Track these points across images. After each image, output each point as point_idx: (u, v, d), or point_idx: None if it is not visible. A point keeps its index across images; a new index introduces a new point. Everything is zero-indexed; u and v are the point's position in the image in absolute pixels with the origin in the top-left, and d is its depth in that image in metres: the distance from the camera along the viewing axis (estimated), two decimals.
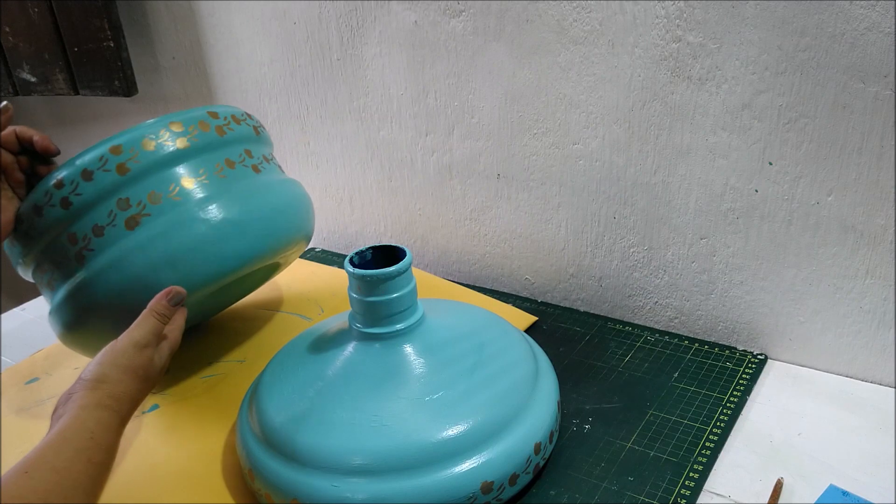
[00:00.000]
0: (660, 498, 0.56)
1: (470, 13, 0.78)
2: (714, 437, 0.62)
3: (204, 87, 1.07)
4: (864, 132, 0.61)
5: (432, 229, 0.94)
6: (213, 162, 0.67)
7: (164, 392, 0.73)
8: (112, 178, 0.62)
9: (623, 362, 0.74)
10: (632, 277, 0.80)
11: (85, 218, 0.62)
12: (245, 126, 0.71)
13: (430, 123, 0.87)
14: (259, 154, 0.72)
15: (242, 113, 0.73)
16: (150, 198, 0.63)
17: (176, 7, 1.03)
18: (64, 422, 0.50)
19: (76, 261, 0.63)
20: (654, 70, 0.69)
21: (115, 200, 0.62)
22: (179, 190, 0.64)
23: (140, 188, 0.63)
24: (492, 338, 0.63)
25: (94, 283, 0.63)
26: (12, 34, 1.10)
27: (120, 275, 0.62)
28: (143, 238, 0.62)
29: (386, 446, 0.52)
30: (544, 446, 0.57)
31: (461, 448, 0.52)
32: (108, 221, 0.62)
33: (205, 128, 0.67)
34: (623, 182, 0.76)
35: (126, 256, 0.62)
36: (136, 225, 0.62)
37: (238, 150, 0.70)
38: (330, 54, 0.91)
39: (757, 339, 0.74)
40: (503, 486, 0.53)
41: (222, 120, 0.69)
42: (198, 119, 0.67)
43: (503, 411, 0.55)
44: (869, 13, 0.57)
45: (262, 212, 0.67)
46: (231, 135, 0.69)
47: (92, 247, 0.63)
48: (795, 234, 0.68)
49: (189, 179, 0.64)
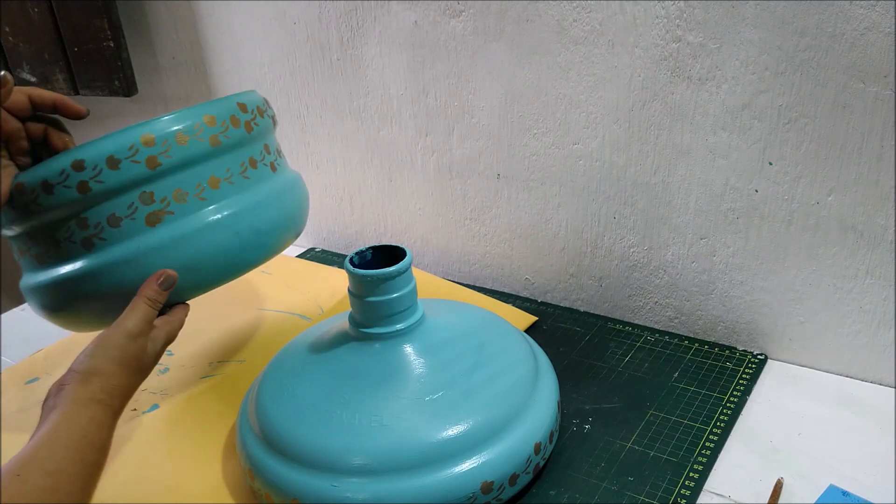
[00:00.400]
0: (660, 498, 0.56)
1: (470, 13, 0.78)
2: (714, 437, 0.62)
3: (204, 87, 1.07)
4: (864, 132, 0.61)
5: (432, 229, 0.94)
6: (239, 161, 0.65)
7: (164, 392, 0.73)
8: (140, 171, 0.59)
9: (623, 362, 0.74)
10: (632, 277, 0.80)
11: (103, 206, 0.59)
12: (266, 118, 0.69)
13: (430, 123, 0.87)
14: (273, 148, 0.71)
15: (264, 102, 0.70)
16: (176, 196, 0.60)
17: (176, 7, 1.03)
18: (56, 418, 0.49)
19: (83, 246, 0.60)
20: (654, 70, 0.69)
21: (138, 193, 0.59)
22: (206, 191, 0.62)
23: (167, 184, 0.60)
24: (492, 338, 0.63)
25: (101, 274, 0.60)
26: (12, 34, 1.10)
27: (133, 271, 0.59)
28: (164, 238, 0.59)
29: (386, 446, 0.52)
30: (544, 446, 0.57)
31: (461, 448, 0.52)
32: (127, 213, 0.59)
33: (235, 124, 0.64)
34: (623, 182, 0.76)
35: (144, 254, 0.59)
36: (157, 222, 0.60)
37: (260, 146, 0.68)
38: (330, 54, 0.91)
39: (757, 339, 0.74)
40: (503, 487, 0.53)
41: (250, 114, 0.66)
42: (230, 113, 0.64)
43: (503, 411, 0.55)
44: (869, 13, 0.57)
45: (281, 220, 0.66)
46: (256, 130, 0.67)
47: (104, 236, 0.60)
48: (795, 234, 0.68)
49: (216, 179, 0.62)
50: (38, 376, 0.78)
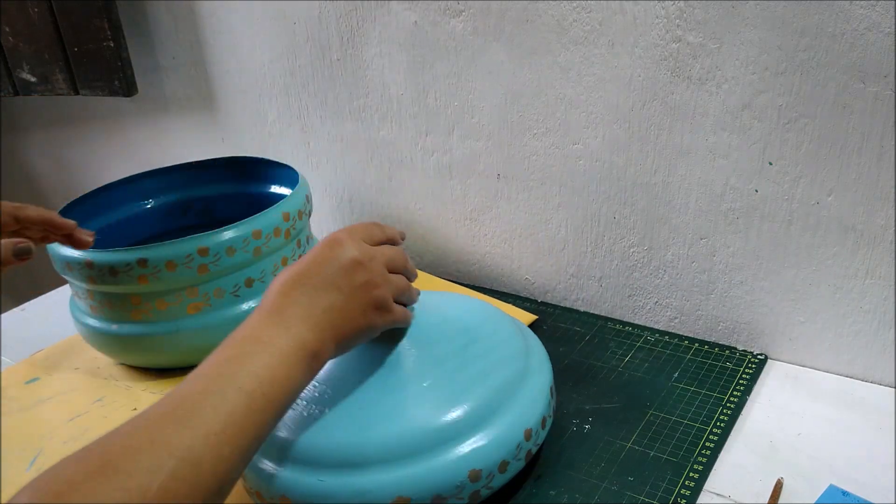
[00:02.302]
0: (660, 498, 0.56)
1: (470, 13, 0.78)
2: (714, 437, 0.62)
3: (204, 87, 1.07)
4: (864, 132, 0.61)
5: (432, 229, 0.94)
6: (273, 262, 0.76)
7: (163, 392, 0.73)
8: (191, 274, 0.70)
9: (623, 362, 0.74)
10: (632, 277, 0.80)
11: (153, 294, 0.70)
12: (304, 218, 0.80)
13: (430, 123, 0.87)
14: (304, 238, 0.82)
15: (304, 203, 0.80)
16: (216, 293, 0.72)
17: (176, 7, 1.03)
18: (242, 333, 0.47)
19: (132, 317, 0.72)
20: (654, 70, 0.69)
21: (185, 288, 0.71)
22: (241, 289, 0.74)
23: (210, 285, 0.72)
24: (479, 323, 0.62)
25: (140, 339, 0.72)
26: (12, 34, 1.10)
27: (167, 343, 0.72)
28: (198, 324, 0.72)
29: (370, 438, 0.52)
30: (535, 432, 0.56)
31: (447, 437, 0.52)
32: (173, 301, 0.71)
33: (277, 234, 0.75)
34: (623, 182, 0.76)
35: (179, 332, 0.72)
36: (196, 312, 0.72)
37: (293, 245, 0.78)
38: (330, 54, 0.91)
39: (757, 339, 0.74)
40: (492, 475, 0.53)
41: (290, 221, 0.76)
42: (274, 226, 0.74)
43: (491, 398, 0.54)
44: (869, 13, 0.57)
45: None
46: (293, 234, 0.77)
47: (152, 315, 0.71)
48: (795, 234, 0.68)
49: (251, 280, 0.74)
50: (38, 376, 0.78)
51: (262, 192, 0.91)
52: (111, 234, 0.85)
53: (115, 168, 1.26)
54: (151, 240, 0.84)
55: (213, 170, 0.91)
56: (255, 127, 1.05)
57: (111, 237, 0.84)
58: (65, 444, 0.66)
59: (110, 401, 0.73)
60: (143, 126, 1.18)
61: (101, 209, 0.85)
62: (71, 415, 0.71)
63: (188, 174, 0.91)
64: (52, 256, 0.73)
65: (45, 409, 0.72)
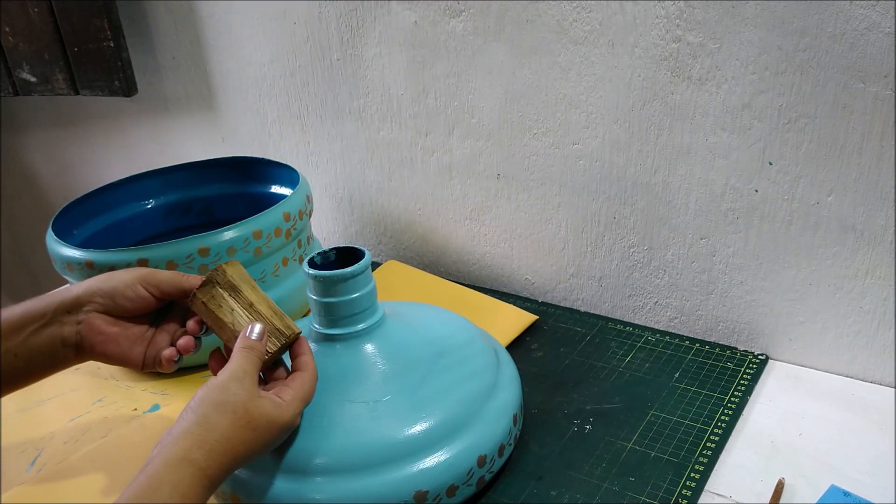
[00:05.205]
0: (661, 498, 0.56)
1: (470, 13, 0.78)
2: (715, 437, 0.62)
3: (204, 87, 1.07)
4: (864, 132, 0.61)
5: (432, 229, 0.94)
6: (273, 262, 0.76)
7: (163, 392, 0.73)
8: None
9: (624, 362, 0.74)
10: (632, 277, 0.80)
11: None
12: (305, 217, 0.79)
13: (430, 123, 0.87)
14: (304, 238, 0.82)
15: (305, 202, 0.79)
16: None
17: (176, 7, 1.03)
18: (140, 479, 0.42)
19: None
20: (654, 70, 0.69)
21: None
22: None
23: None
24: (453, 345, 0.61)
25: None
26: (12, 34, 1.10)
27: None
28: None
29: (319, 448, 0.52)
30: (491, 459, 0.55)
31: (398, 454, 0.51)
32: None
33: (277, 234, 0.75)
34: (623, 182, 0.76)
35: None
36: None
37: (294, 244, 0.79)
38: (330, 54, 0.91)
39: (757, 340, 0.74)
40: (440, 497, 0.52)
41: (291, 221, 0.76)
42: (274, 226, 0.74)
43: (448, 420, 0.54)
44: (869, 13, 0.57)
45: (299, 305, 0.80)
46: (294, 234, 0.77)
47: None
48: (795, 234, 0.68)
49: None
50: None
51: (262, 192, 0.91)
52: (111, 234, 0.85)
53: (115, 168, 1.26)
54: (151, 240, 0.84)
55: (213, 170, 0.91)
56: (255, 127, 1.05)
57: (111, 237, 0.84)
58: (65, 445, 0.66)
59: (110, 401, 0.73)
60: (143, 126, 1.18)
61: (101, 209, 0.85)
62: (71, 415, 0.71)
63: (188, 174, 0.91)
64: (52, 256, 0.73)
65: (45, 409, 0.72)
